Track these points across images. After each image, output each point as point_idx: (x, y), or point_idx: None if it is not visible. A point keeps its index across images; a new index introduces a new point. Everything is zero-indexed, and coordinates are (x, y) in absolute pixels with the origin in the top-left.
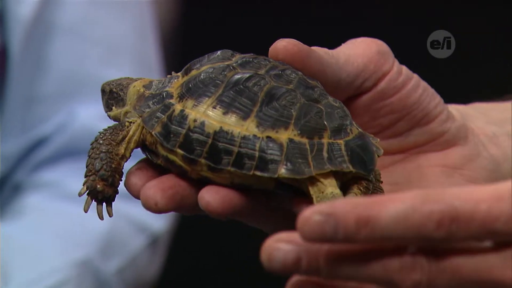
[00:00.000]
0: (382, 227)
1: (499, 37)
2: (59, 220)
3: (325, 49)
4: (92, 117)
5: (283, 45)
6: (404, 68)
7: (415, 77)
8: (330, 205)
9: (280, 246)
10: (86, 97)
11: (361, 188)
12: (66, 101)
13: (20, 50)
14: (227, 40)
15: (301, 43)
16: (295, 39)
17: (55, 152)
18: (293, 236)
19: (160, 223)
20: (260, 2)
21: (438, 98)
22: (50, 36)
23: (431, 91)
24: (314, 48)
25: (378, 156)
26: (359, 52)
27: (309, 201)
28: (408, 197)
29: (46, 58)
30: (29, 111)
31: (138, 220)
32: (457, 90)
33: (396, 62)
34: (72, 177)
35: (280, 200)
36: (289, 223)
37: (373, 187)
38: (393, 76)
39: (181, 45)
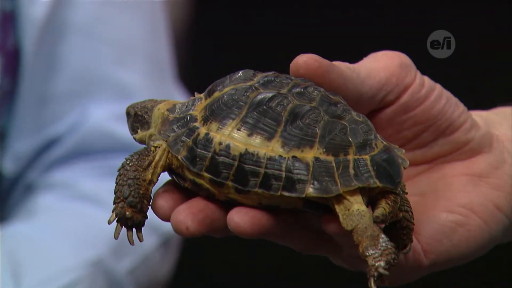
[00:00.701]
0: None
1: (499, 37)
2: (71, 220)
3: (346, 64)
4: (104, 117)
5: (304, 61)
6: (427, 79)
7: (438, 87)
8: None
9: None
10: (98, 97)
11: (389, 202)
12: (78, 100)
13: (33, 50)
14: (240, 40)
15: (322, 58)
16: (297, 42)
17: (68, 152)
18: None
19: None
20: (273, 2)
21: (461, 107)
22: (63, 36)
23: (454, 100)
24: (335, 62)
25: (404, 168)
26: (381, 66)
27: (337, 218)
28: None
29: (59, 58)
30: (41, 110)
31: (150, 219)
32: (457, 90)
33: (419, 74)
34: (85, 176)
35: (308, 219)
36: (318, 240)
37: (400, 200)
38: (415, 88)
39: (193, 45)
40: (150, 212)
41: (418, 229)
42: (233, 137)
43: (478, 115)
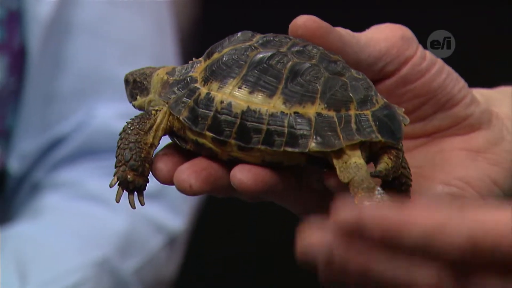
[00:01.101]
0: (404, 245)
1: (499, 37)
2: (77, 220)
3: (347, 30)
4: (110, 116)
5: (303, 22)
6: (428, 53)
7: (439, 61)
8: (360, 212)
9: (313, 249)
10: (104, 96)
11: (391, 157)
12: (84, 100)
13: (38, 49)
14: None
15: (321, 20)
16: None
17: (74, 151)
18: (322, 237)
19: (178, 222)
20: (283, 1)
21: (462, 82)
22: (69, 35)
23: (455, 75)
24: (336, 27)
25: (405, 124)
26: (382, 36)
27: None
28: (433, 220)
29: (65, 57)
30: (47, 110)
31: (156, 219)
32: None
33: (420, 48)
34: (91, 176)
35: (309, 179)
36: (318, 203)
37: (402, 156)
38: (416, 61)
39: (200, 43)
40: (157, 213)
41: (414, 200)
42: (234, 95)
43: (479, 93)
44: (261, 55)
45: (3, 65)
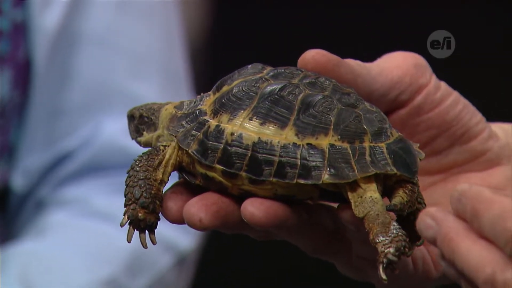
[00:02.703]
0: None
1: (499, 37)
2: (84, 238)
3: (357, 61)
4: (119, 131)
5: (312, 56)
6: (443, 84)
7: (455, 93)
8: (442, 217)
9: (425, 219)
10: (112, 110)
11: (407, 192)
12: (92, 114)
13: (44, 61)
14: (260, 47)
15: (330, 53)
16: (314, 44)
17: (80, 168)
18: (436, 212)
19: (188, 241)
20: (295, 5)
21: (479, 116)
22: (76, 46)
23: (472, 108)
24: (346, 59)
25: (420, 159)
26: (394, 65)
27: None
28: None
29: (72, 69)
30: (53, 124)
31: (165, 238)
32: (457, 90)
33: (434, 77)
34: (98, 193)
35: (321, 216)
36: (329, 240)
37: (418, 191)
38: (430, 90)
39: (212, 53)
40: (167, 232)
41: None
42: (245, 127)
43: (499, 127)
44: (272, 87)
45: (7, 78)
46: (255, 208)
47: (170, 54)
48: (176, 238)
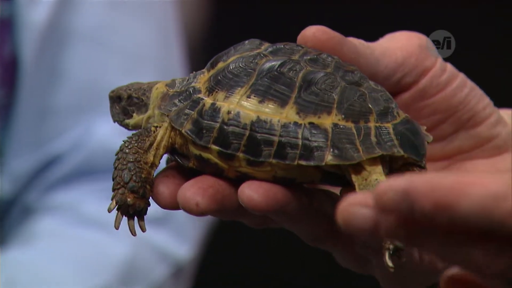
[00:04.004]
0: (461, 216)
1: (499, 37)
2: (74, 246)
3: (360, 40)
4: (111, 133)
5: (312, 33)
6: (449, 65)
7: (461, 75)
8: (407, 183)
9: (358, 210)
10: (104, 111)
11: None
12: (82, 115)
13: (32, 58)
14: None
15: (332, 31)
16: None
17: (70, 172)
18: (369, 199)
19: (185, 250)
20: (295, 5)
21: (487, 100)
22: (66, 43)
23: (479, 92)
24: (349, 37)
25: (428, 142)
26: (398, 45)
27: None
28: (492, 184)
29: (61, 67)
30: (42, 126)
31: (161, 246)
32: None
33: (440, 59)
34: (89, 199)
35: (323, 202)
36: (330, 228)
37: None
38: (436, 72)
39: (211, 52)
40: (162, 240)
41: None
42: (242, 105)
43: (507, 114)
44: (271, 63)
45: None
46: (253, 191)
47: (166, 52)
48: (172, 246)
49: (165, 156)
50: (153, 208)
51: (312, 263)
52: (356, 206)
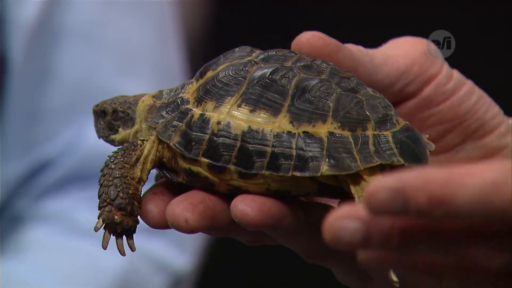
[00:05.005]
0: (459, 208)
1: (499, 37)
2: (67, 258)
3: (359, 47)
4: None
5: (307, 39)
6: (455, 72)
7: (469, 83)
8: (399, 180)
9: (345, 224)
10: None
11: None
12: (74, 117)
13: (21, 58)
14: (260, 47)
15: (328, 37)
16: None
17: (62, 178)
18: (356, 210)
19: (183, 261)
20: (295, 5)
21: (496, 109)
22: (57, 41)
23: (488, 100)
24: (346, 44)
25: (430, 151)
26: (401, 53)
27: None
28: (489, 172)
29: (52, 66)
30: (31, 128)
31: (158, 257)
32: None
33: (446, 65)
34: (82, 207)
35: (320, 216)
36: (324, 244)
37: None
38: (441, 80)
39: (211, 50)
40: (159, 250)
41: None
42: (233, 115)
43: None
44: (263, 70)
45: None
46: (246, 206)
47: (163, 52)
48: (170, 257)
49: (155, 172)
50: None
51: (314, 276)
52: (343, 219)
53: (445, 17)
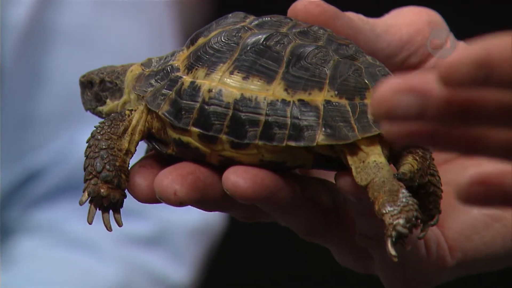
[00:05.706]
0: None
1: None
2: (60, 270)
3: (359, 15)
4: None
5: (304, 5)
6: (462, 44)
7: None
8: (484, 50)
9: (400, 97)
10: (90, 120)
11: (417, 158)
12: (67, 124)
13: (12, 61)
14: None
15: (326, 4)
16: None
17: (54, 187)
18: (410, 83)
19: (181, 273)
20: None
21: None
22: (49, 44)
23: None
24: (345, 12)
25: None
26: (405, 22)
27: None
28: None
29: (44, 70)
30: (22, 136)
31: (155, 270)
32: None
33: (451, 36)
34: (74, 217)
35: (317, 190)
36: (326, 220)
37: (430, 158)
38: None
39: None
40: (154, 262)
41: (445, 222)
42: (225, 82)
43: None
44: (256, 36)
45: None
46: (239, 177)
47: (160, 52)
48: (168, 269)
49: (144, 146)
50: (146, 228)
51: (315, 285)
52: (398, 93)
53: (445, 17)
